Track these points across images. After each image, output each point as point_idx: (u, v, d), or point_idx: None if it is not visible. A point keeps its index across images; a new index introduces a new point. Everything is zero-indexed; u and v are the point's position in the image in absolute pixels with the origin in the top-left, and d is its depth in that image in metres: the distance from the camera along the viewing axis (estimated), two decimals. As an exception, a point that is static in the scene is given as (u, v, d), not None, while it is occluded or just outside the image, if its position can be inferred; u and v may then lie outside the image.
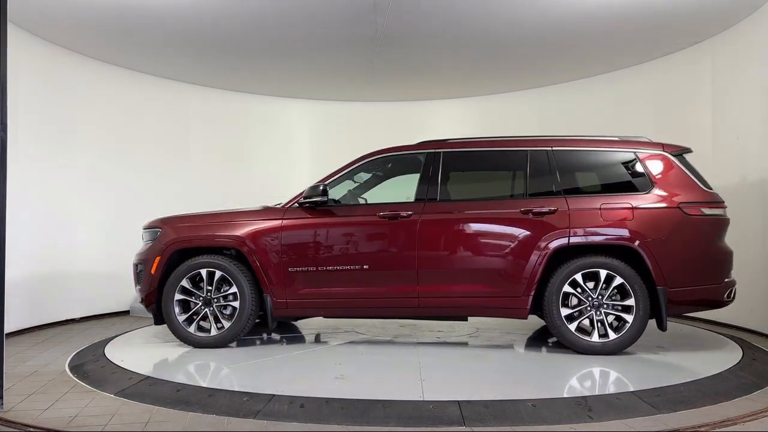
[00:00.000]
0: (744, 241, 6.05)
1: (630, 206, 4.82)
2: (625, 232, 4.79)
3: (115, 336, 5.90)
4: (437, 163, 5.21)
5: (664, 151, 5.02)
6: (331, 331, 6.06)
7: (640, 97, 7.54)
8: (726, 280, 4.86)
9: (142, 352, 5.23)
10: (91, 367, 4.62)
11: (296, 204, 5.27)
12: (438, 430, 3.23)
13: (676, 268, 4.74)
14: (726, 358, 4.67)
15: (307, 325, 6.36)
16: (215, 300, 5.21)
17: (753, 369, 4.41)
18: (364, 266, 5.05)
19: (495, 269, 4.90)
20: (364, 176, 5.61)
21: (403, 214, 5.03)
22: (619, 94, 7.77)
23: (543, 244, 4.81)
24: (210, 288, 5.20)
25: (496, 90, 8.84)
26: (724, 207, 4.93)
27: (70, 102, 7.11)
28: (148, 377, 4.14)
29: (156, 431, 3.21)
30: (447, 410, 3.42)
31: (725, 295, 4.84)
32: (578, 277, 4.78)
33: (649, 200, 4.84)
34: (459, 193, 5.38)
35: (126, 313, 7.71)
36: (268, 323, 5.22)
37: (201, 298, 5.22)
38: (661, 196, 4.84)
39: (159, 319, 5.33)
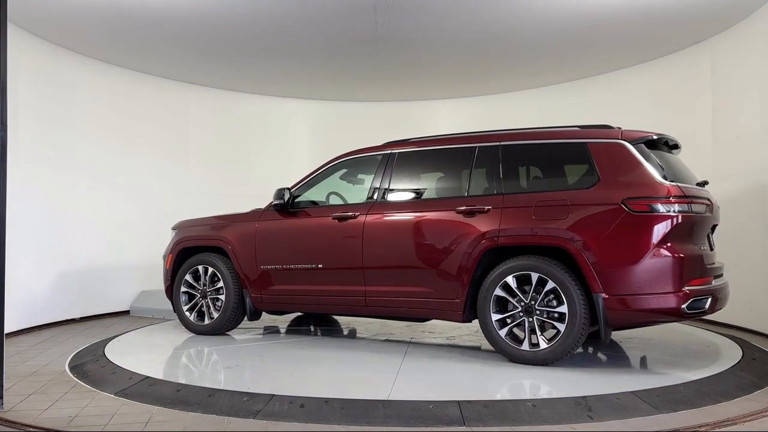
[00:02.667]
0: (744, 241, 6.06)
1: (566, 203, 4.35)
2: (556, 232, 4.30)
3: (115, 336, 5.90)
4: (390, 163, 5.26)
5: (621, 139, 4.42)
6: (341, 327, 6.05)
7: (640, 97, 7.54)
8: (687, 288, 4.12)
9: (142, 351, 5.23)
10: (91, 367, 4.61)
11: (272, 207, 5.61)
12: (438, 430, 3.23)
13: (616, 272, 4.15)
14: (726, 358, 4.67)
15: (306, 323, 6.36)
16: (210, 293, 5.78)
17: (753, 369, 4.41)
18: (319, 265, 5.28)
19: (432, 271, 4.75)
20: (344, 177, 5.66)
21: (351, 214, 5.14)
22: (619, 94, 7.77)
23: (473, 245, 4.55)
24: (206, 283, 5.81)
25: (496, 90, 8.85)
26: (687, 202, 4.20)
27: (70, 102, 7.11)
28: (148, 377, 4.13)
29: (156, 431, 3.21)
30: (447, 410, 3.42)
31: (684, 306, 4.07)
32: (510, 280, 4.42)
33: (589, 196, 4.31)
34: (407, 194, 5.25)
35: (126, 313, 7.71)
36: (246, 315, 5.71)
37: (200, 291, 5.84)
38: (604, 191, 4.28)
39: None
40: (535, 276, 4.34)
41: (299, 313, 6.68)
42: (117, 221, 7.67)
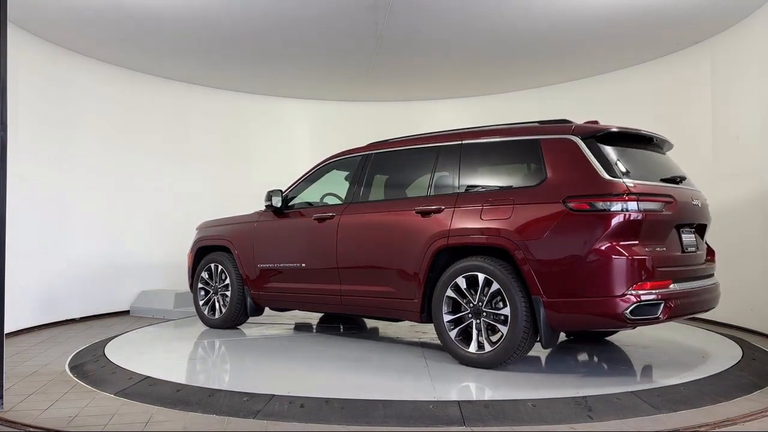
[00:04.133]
0: (744, 241, 6.06)
1: (512, 202, 4.23)
2: (498, 232, 4.20)
3: (115, 336, 5.90)
4: (366, 165, 5.35)
5: (571, 134, 4.22)
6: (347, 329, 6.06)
7: (640, 97, 7.54)
8: (631, 292, 3.83)
9: (142, 351, 5.23)
10: (91, 367, 4.61)
11: (268, 209, 5.85)
12: (438, 430, 3.23)
13: (555, 274, 3.98)
14: (726, 358, 4.66)
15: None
16: (219, 290, 6.15)
17: (753, 369, 4.41)
18: (303, 264, 5.49)
19: (393, 271, 4.79)
20: (347, 177, 5.71)
21: (329, 215, 5.27)
22: (619, 94, 7.77)
23: (427, 246, 4.53)
24: (216, 280, 6.20)
25: (496, 90, 8.84)
26: (633, 200, 3.92)
27: (70, 102, 7.11)
28: (148, 377, 4.13)
29: (156, 431, 3.21)
30: (447, 410, 3.42)
31: (626, 311, 3.80)
32: (460, 281, 4.37)
33: (534, 195, 4.17)
34: (378, 194, 5.32)
35: (126, 313, 7.70)
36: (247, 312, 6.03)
37: (212, 287, 6.22)
38: (548, 189, 4.12)
39: None
40: (481, 277, 4.27)
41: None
42: (117, 221, 7.67)
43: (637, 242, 3.93)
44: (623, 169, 4.08)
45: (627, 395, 3.66)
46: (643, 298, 3.84)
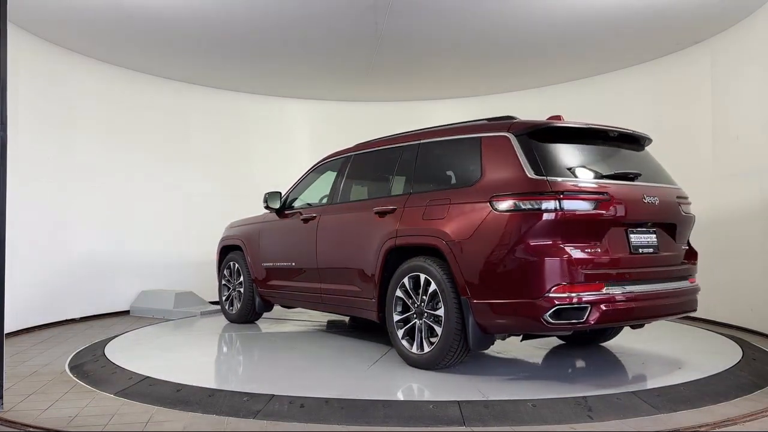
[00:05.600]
0: (744, 241, 6.06)
1: (448, 202, 4.19)
2: (435, 232, 4.17)
3: (115, 336, 5.90)
4: (346, 165, 5.45)
5: (508, 131, 4.08)
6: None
7: (640, 97, 7.54)
8: (552, 295, 3.64)
9: (142, 351, 5.24)
10: (91, 367, 4.61)
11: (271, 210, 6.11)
12: (438, 430, 3.23)
13: (481, 275, 3.89)
14: (726, 358, 4.65)
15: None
16: (236, 286, 6.57)
17: (753, 369, 4.41)
18: (293, 263, 5.72)
19: (356, 270, 4.88)
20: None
21: (313, 216, 5.46)
22: (619, 94, 7.77)
23: (381, 246, 4.57)
24: (234, 277, 6.60)
25: (496, 90, 8.84)
26: (556, 199, 3.71)
27: (70, 102, 7.11)
28: (148, 377, 4.13)
29: (156, 431, 3.21)
30: (447, 410, 3.42)
31: (546, 315, 3.65)
32: (407, 281, 4.36)
33: (467, 194, 4.11)
34: (354, 195, 5.40)
35: (126, 313, 7.70)
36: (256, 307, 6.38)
37: (231, 284, 6.64)
38: (480, 188, 4.04)
39: None
40: (423, 278, 4.25)
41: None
42: (117, 221, 7.67)
43: (559, 243, 3.73)
44: (560, 166, 3.89)
45: (627, 395, 3.66)
46: (564, 301, 3.64)
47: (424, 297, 4.24)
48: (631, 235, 4.02)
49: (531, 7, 5.87)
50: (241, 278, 6.42)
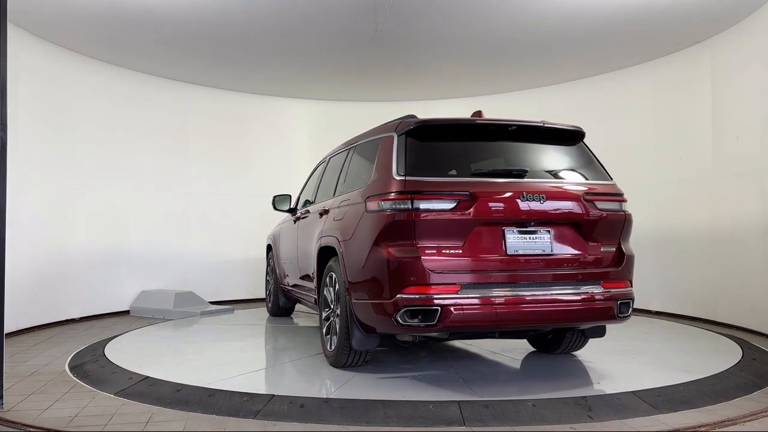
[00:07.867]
0: (744, 242, 6.06)
1: (348, 203, 4.26)
2: (334, 233, 4.29)
3: (115, 336, 5.90)
4: (325, 165, 5.67)
5: (394, 131, 4.04)
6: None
7: (640, 97, 7.54)
8: (402, 296, 3.53)
9: (142, 351, 5.23)
10: (91, 367, 4.62)
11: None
12: (438, 430, 3.23)
13: (354, 274, 3.93)
14: (726, 358, 4.66)
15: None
16: (271, 283, 7.18)
17: (753, 369, 4.41)
18: (290, 262, 6.04)
19: (306, 270, 5.22)
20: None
21: (299, 215, 5.81)
22: (619, 94, 7.77)
23: (316, 245, 4.79)
24: (272, 275, 7.11)
25: (496, 90, 8.84)
26: (408, 198, 3.61)
27: (70, 102, 7.11)
28: (148, 377, 4.14)
29: (156, 431, 3.21)
30: (447, 410, 3.42)
31: (396, 316, 3.55)
32: (328, 280, 4.44)
33: (357, 195, 4.14)
34: (317, 196, 5.59)
35: (126, 313, 7.70)
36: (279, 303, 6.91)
37: (270, 281, 7.28)
38: (367, 189, 4.03)
39: None
40: (335, 277, 4.32)
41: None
42: (117, 221, 7.67)
43: (414, 243, 3.61)
44: (430, 166, 3.80)
45: (627, 395, 3.66)
46: (414, 303, 3.53)
47: (336, 296, 4.32)
48: (509, 236, 3.76)
49: (531, 8, 5.86)
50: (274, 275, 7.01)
